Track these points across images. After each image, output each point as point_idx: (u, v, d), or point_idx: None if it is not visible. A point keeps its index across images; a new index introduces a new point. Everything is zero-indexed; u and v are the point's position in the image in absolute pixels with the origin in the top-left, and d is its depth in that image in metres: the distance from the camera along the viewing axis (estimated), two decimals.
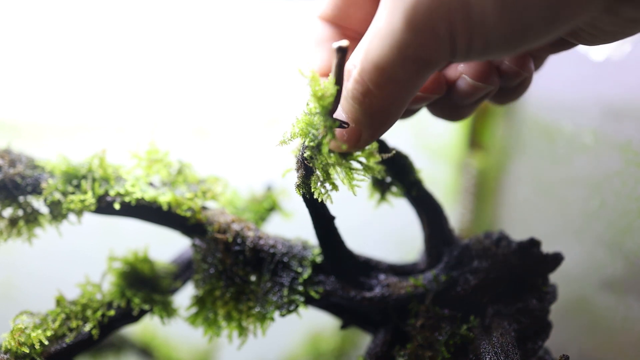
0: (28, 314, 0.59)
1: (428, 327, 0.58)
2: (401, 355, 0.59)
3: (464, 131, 1.17)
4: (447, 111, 0.52)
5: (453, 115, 0.52)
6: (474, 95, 0.47)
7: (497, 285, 0.59)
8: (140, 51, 1.06)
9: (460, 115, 0.52)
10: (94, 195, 0.59)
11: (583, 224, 0.79)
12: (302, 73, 0.44)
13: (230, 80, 1.10)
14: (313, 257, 0.61)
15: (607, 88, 0.77)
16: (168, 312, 0.64)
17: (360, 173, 0.48)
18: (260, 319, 0.59)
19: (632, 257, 0.68)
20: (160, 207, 0.60)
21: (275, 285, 0.60)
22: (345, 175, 0.47)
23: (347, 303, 0.61)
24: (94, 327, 0.59)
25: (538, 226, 0.95)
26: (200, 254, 0.61)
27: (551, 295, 0.60)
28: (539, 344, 0.59)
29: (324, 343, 1.13)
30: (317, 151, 0.47)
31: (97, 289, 0.63)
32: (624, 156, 0.71)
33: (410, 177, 0.61)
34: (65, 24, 1.03)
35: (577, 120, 0.83)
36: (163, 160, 0.65)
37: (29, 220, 0.59)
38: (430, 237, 0.63)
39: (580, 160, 0.82)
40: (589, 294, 0.77)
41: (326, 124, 0.44)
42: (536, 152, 0.97)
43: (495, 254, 0.59)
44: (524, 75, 0.48)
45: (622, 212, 0.71)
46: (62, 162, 0.59)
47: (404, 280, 0.62)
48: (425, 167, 0.64)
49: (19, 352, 0.55)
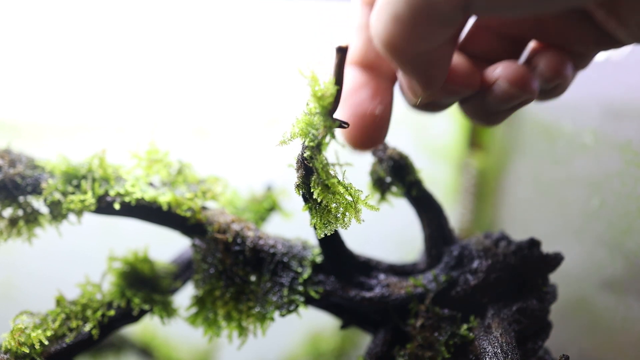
0: (28, 314, 0.59)
1: (428, 327, 0.58)
2: (401, 355, 0.59)
3: (464, 131, 1.17)
4: (481, 114, 0.50)
5: (486, 120, 0.51)
6: (509, 101, 0.46)
7: (497, 285, 0.59)
8: (141, 51, 1.06)
9: (494, 121, 0.51)
10: (94, 195, 0.59)
11: (583, 224, 0.79)
12: (302, 73, 0.44)
13: (230, 80, 1.10)
14: (313, 257, 0.61)
15: (607, 88, 0.77)
16: (168, 312, 0.64)
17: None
18: (260, 319, 0.59)
19: (632, 257, 0.68)
20: (160, 207, 0.60)
21: (275, 285, 0.60)
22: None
23: (347, 303, 0.61)
24: (94, 327, 0.59)
25: (538, 226, 0.95)
26: (200, 254, 0.61)
27: (551, 295, 0.60)
28: (539, 344, 0.59)
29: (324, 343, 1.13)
30: (317, 151, 0.47)
31: (97, 289, 0.63)
32: (624, 156, 0.71)
33: (410, 177, 0.61)
34: (65, 24, 1.03)
35: (577, 120, 0.83)
36: (163, 160, 0.65)
37: (29, 220, 0.59)
38: (430, 237, 0.63)
39: (580, 160, 0.82)
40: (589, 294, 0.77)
41: (326, 124, 0.44)
42: (536, 152, 0.97)
43: (495, 254, 0.59)
44: (559, 80, 0.47)
45: (622, 212, 0.71)
46: (62, 162, 0.59)
47: (404, 280, 0.62)
48: (425, 167, 0.64)
49: (19, 352, 0.55)
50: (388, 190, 0.63)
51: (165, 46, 1.07)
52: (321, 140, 0.45)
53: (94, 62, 1.05)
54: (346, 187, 0.49)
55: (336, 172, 0.49)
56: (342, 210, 0.49)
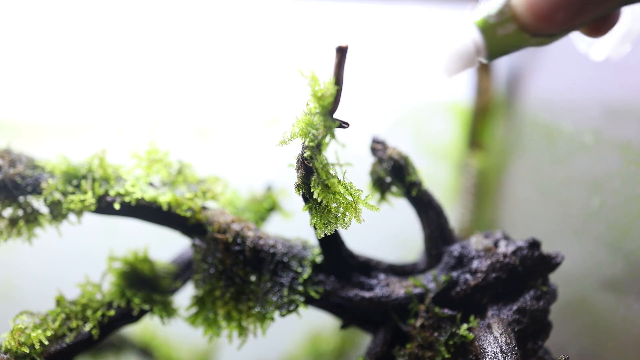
0: (28, 314, 0.59)
1: (428, 327, 0.58)
2: (401, 355, 0.59)
3: (464, 131, 1.17)
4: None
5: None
6: None
7: (497, 285, 0.59)
8: (141, 51, 1.07)
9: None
10: (94, 195, 0.59)
11: (583, 224, 0.79)
12: (302, 73, 0.44)
13: (230, 80, 1.10)
14: (313, 257, 0.61)
15: (607, 88, 0.77)
16: (168, 312, 0.64)
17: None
18: (260, 319, 0.59)
19: (632, 257, 0.68)
20: (160, 207, 0.60)
21: (275, 285, 0.60)
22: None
23: (347, 303, 0.61)
24: (94, 327, 0.59)
25: (538, 226, 0.95)
26: (200, 254, 0.61)
27: (551, 295, 0.60)
28: (539, 344, 0.59)
29: (324, 343, 1.13)
30: (317, 151, 0.47)
31: (97, 289, 0.63)
32: (624, 156, 0.71)
33: (410, 177, 0.61)
34: (65, 24, 1.03)
35: (577, 120, 0.83)
36: (163, 160, 0.65)
37: (29, 220, 0.59)
38: (430, 237, 0.63)
39: (580, 160, 0.82)
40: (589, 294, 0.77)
41: (326, 124, 0.44)
42: (536, 152, 0.97)
43: (495, 254, 0.59)
44: None
45: (622, 212, 0.71)
46: (62, 162, 0.59)
47: (404, 280, 0.62)
48: (425, 167, 0.64)
49: (19, 352, 0.55)
50: (388, 191, 0.63)
51: (166, 46, 1.07)
52: (321, 140, 0.45)
53: (94, 62, 1.05)
54: (346, 187, 0.49)
55: (336, 172, 0.49)
56: (342, 210, 0.49)
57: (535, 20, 0.43)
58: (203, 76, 1.09)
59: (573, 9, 0.42)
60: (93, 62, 1.05)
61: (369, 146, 0.63)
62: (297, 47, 1.09)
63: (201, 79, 1.09)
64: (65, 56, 1.04)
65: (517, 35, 0.44)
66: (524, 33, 0.44)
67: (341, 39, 0.47)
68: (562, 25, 0.43)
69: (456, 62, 0.46)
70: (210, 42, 1.08)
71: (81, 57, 1.04)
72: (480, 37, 0.45)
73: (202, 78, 1.09)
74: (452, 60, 0.46)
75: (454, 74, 0.48)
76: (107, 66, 1.06)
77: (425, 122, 1.15)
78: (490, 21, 0.44)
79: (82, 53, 1.04)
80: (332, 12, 1.09)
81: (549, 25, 0.43)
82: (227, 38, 1.08)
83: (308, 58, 1.07)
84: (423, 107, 1.15)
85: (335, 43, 0.41)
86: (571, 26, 0.44)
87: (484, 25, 0.45)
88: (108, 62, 1.05)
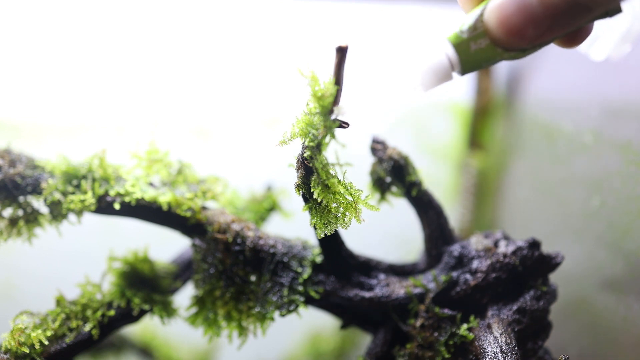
0: (28, 314, 0.59)
1: (428, 327, 0.58)
2: (401, 355, 0.59)
3: (464, 131, 1.17)
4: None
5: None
6: None
7: (497, 285, 0.59)
8: (141, 51, 1.06)
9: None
10: (94, 195, 0.59)
11: (583, 224, 0.79)
12: (302, 73, 0.44)
13: (230, 80, 1.10)
14: (313, 257, 0.61)
15: (607, 88, 0.77)
16: (168, 312, 0.64)
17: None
18: (260, 319, 0.59)
19: (632, 257, 0.68)
20: (160, 207, 0.60)
21: (275, 285, 0.60)
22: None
23: (347, 303, 0.61)
24: (94, 327, 0.59)
25: (538, 226, 0.95)
26: (200, 254, 0.61)
27: (551, 295, 0.60)
28: (539, 344, 0.59)
29: (324, 343, 1.13)
30: (317, 151, 0.47)
31: (97, 289, 0.63)
32: (624, 156, 0.71)
33: (410, 177, 0.61)
34: (65, 24, 1.03)
35: (577, 120, 0.83)
36: (163, 160, 0.65)
37: (29, 220, 0.59)
38: (430, 237, 0.63)
39: (580, 160, 0.82)
40: (589, 294, 0.77)
41: (326, 124, 0.44)
42: (536, 152, 0.97)
43: (495, 254, 0.59)
44: None
45: (622, 212, 0.71)
46: (62, 162, 0.59)
47: (404, 280, 0.62)
48: (425, 167, 0.64)
49: (19, 352, 0.55)
50: (388, 190, 0.63)
51: (166, 46, 1.07)
52: (321, 140, 0.45)
53: (94, 62, 1.05)
54: (346, 187, 0.49)
55: (336, 172, 0.49)
56: (342, 210, 0.49)
57: (507, 35, 0.44)
58: (203, 76, 1.09)
59: (544, 26, 0.43)
60: (93, 62, 1.05)
61: (369, 146, 0.63)
62: (297, 47, 1.09)
63: (201, 79, 1.09)
64: (65, 56, 1.04)
65: (490, 49, 0.45)
66: (497, 47, 0.44)
67: (341, 39, 0.47)
68: (533, 41, 0.44)
69: (432, 77, 0.47)
70: (211, 42, 1.08)
71: (81, 57, 1.04)
72: (453, 52, 0.45)
73: (202, 78, 1.09)
74: (427, 75, 0.47)
75: (429, 88, 0.48)
76: (107, 66, 1.06)
77: (425, 122, 1.15)
78: (464, 36, 0.45)
79: (82, 53, 1.04)
80: (332, 12, 1.09)
81: (521, 41, 0.44)
82: (227, 38, 1.08)
83: (308, 58, 1.07)
84: (423, 107, 1.15)
85: (335, 43, 0.41)
86: (543, 41, 0.45)
87: (456, 40, 0.45)
88: (108, 62, 1.05)
